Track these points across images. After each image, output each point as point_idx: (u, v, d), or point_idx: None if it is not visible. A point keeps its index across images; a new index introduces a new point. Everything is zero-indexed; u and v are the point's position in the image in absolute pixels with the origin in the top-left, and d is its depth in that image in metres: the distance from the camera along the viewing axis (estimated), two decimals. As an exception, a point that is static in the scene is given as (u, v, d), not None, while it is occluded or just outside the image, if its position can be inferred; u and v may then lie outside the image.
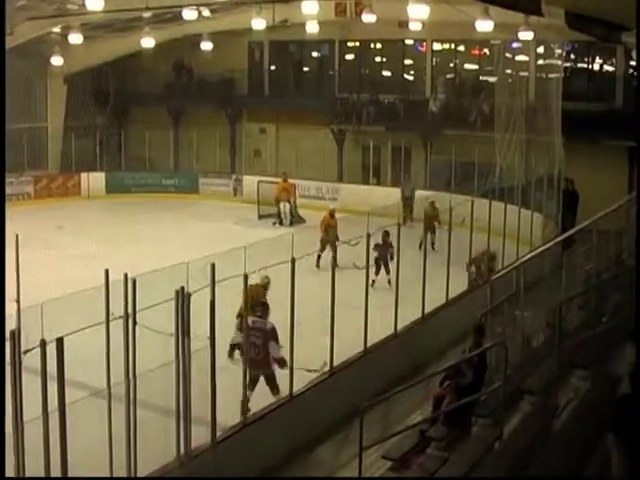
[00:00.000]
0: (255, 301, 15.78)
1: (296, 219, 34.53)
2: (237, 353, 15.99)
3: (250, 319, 14.84)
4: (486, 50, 37.77)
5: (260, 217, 35.48)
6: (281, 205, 34.73)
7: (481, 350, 12.31)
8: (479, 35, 30.24)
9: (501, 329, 13.83)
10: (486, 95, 35.07)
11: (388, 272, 22.34)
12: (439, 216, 24.67)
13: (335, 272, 15.93)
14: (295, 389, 14.69)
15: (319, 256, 23.43)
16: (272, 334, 14.94)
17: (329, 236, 23.60)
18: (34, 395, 10.25)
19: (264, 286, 16.83)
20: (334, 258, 23.89)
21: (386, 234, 21.67)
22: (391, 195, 32.65)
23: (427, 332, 18.92)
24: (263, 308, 15.46)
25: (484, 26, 27.37)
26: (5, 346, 9.73)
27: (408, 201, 32.61)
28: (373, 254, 21.17)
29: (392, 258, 21.81)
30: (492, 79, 35.47)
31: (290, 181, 35.61)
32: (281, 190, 35.00)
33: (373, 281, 21.56)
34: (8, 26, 31.19)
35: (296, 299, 14.45)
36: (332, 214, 26.70)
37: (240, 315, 15.56)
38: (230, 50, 41.92)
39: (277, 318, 15.25)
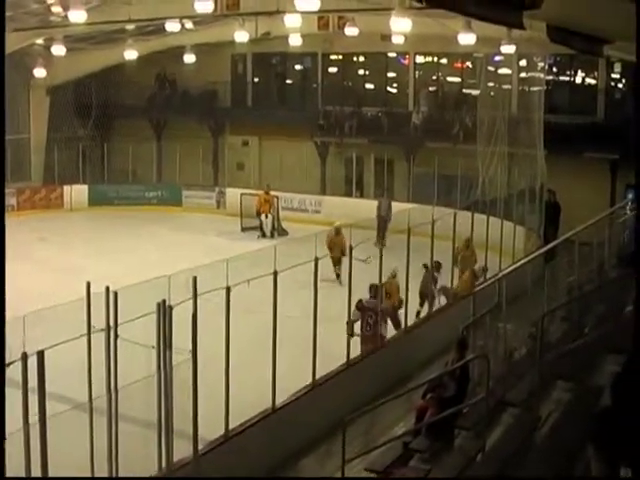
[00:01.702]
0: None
1: (279, 231, 34.55)
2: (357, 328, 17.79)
3: (364, 300, 17.51)
4: (469, 63, 37.85)
5: (243, 229, 35.48)
6: (262, 217, 34.75)
7: (463, 362, 12.34)
8: (462, 48, 30.39)
9: (483, 341, 13.86)
10: (469, 108, 35.17)
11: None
12: (476, 257, 23.44)
13: (317, 284, 15.87)
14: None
15: (337, 275, 23.97)
16: (383, 314, 17.75)
17: (334, 253, 23.60)
18: (15, 408, 10.20)
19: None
20: (337, 275, 24.13)
21: (437, 265, 21.13)
22: (374, 208, 32.74)
23: (410, 345, 18.92)
24: (375, 290, 17.73)
25: (467, 39, 27.48)
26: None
27: (382, 220, 30.83)
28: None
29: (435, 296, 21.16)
30: (475, 92, 35.56)
31: (273, 193, 35.61)
32: (262, 202, 35.02)
33: (418, 312, 21.39)
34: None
35: (283, 312, 14.46)
36: (337, 231, 25.41)
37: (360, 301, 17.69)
38: (213, 62, 41.93)
39: (260, 331, 15.27)
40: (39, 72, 39.79)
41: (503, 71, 35.09)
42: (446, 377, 12.55)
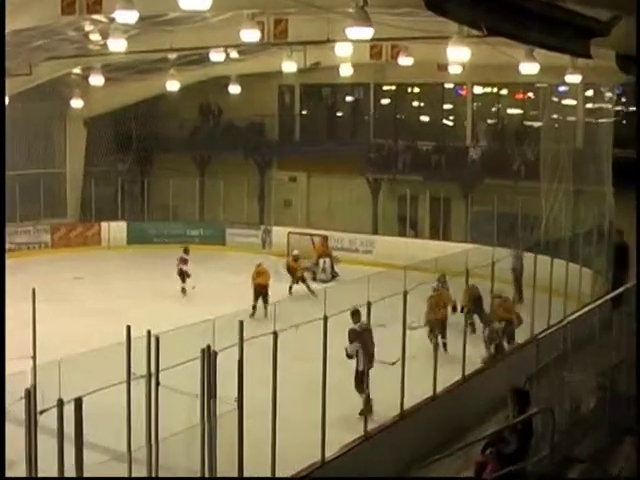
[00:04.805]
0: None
1: (332, 273, 34.48)
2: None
3: (357, 326, 17.99)
4: (531, 94, 37.80)
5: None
6: (321, 261, 34.68)
7: (526, 416, 12.22)
8: (523, 78, 30.26)
9: (548, 393, 13.74)
10: (531, 142, 35.03)
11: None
12: (513, 313, 22.40)
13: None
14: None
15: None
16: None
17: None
18: (51, 458, 10.27)
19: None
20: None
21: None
22: (429, 249, 32.58)
23: (468, 395, 18.80)
24: (358, 315, 17.96)
25: (529, 69, 27.39)
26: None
27: (517, 274, 28.44)
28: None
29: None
30: (537, 124, 35.46)
31: (323, 232, 35.65)
32: (321, 249, 35.09)
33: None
34: (25, 66, 31.69)
35: (333, 358, 14.46)
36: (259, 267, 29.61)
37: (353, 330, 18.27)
38: (259, 94, 42.16)
39: (309, 377, 15.26)
40: (76, 103, 40.25)
41: (568, 102, 34.99)
42: (507, 431, 12.44)
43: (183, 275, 31.27)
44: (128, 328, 11.51)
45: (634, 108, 35.81)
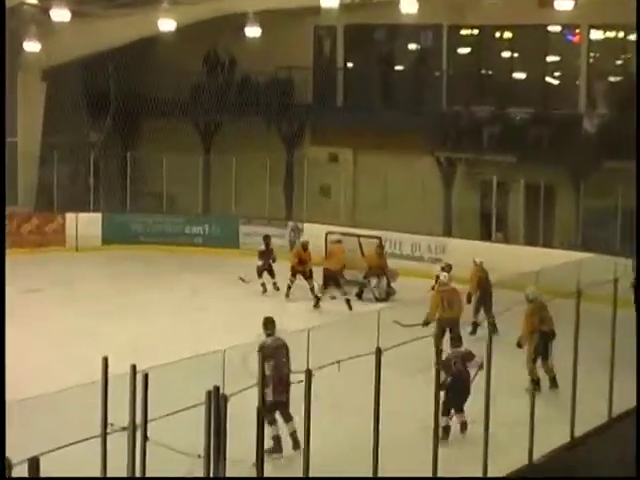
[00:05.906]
0: None
1: (388, 291, 34.26)
2: None
3: (270, 339, 18.03)
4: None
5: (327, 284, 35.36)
6: (374, 280, 34.37)
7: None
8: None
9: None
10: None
11: None
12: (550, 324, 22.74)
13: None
14: None
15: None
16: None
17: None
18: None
19: None
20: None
21: None
22: (524, 257, 32.30)
23: (579, 463, 18.68)
24: (273, 326, 18.55)
25: (670, 4, 27.27)
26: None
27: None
28: None
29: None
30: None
31: (375, 233, 35.48)
32: (375, 261, 34.76)
33: None
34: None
35: (387, 408, 14.41)
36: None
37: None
38: (287, 38, 42.21)
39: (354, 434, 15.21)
40: (31, 46, 40.03)
41: None
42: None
43: (261, 272, 34.35)
44: (105, 360, 11.48)
45: None
